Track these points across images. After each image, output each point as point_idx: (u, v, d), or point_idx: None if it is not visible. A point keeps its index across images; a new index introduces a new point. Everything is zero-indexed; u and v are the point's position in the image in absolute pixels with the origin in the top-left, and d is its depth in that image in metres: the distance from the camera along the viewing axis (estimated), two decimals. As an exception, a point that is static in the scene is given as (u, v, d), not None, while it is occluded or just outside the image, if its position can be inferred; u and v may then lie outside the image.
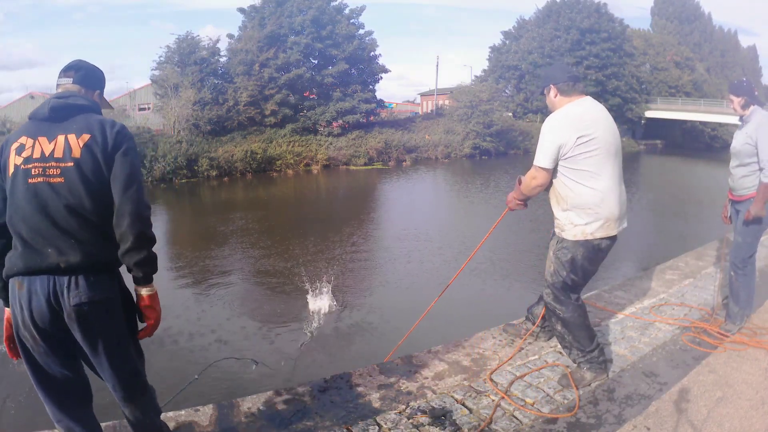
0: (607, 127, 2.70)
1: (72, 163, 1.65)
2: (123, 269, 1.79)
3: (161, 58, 28.37)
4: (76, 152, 1.67)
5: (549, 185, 2.80)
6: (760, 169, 3.31)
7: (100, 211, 1.69)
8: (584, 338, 2.83)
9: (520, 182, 2.88)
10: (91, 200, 1.66)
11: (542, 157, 2.68)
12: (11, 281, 1.68)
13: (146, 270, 1.75)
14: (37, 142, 1.69)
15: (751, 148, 3.35)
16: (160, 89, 27.14)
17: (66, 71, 1.87)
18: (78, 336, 1.68)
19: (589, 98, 2.77)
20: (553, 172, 2.71)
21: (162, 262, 9.92)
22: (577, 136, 2.60)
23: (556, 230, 2.84)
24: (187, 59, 27.71)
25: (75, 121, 1.73)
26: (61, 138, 1.68)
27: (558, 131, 2.64)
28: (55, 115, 1.73)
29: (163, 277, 8.49)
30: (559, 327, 2.87)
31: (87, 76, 1.88)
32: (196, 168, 23.19)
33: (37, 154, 1.67)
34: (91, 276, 1.67)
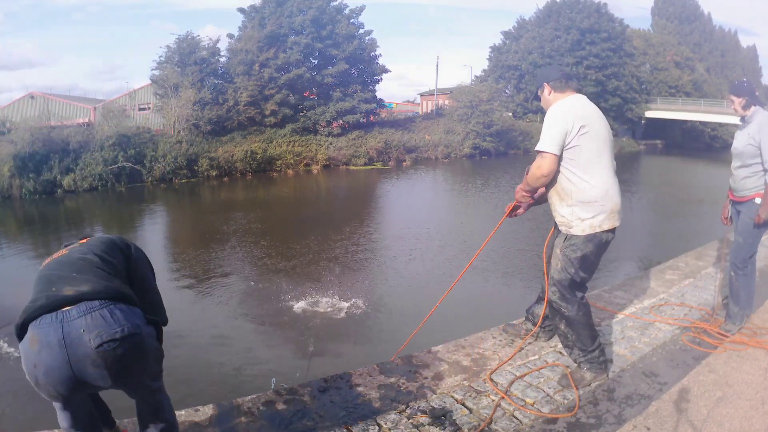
0: (602, 122, 2.77)
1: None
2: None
3: (161, 58, 28.39)
4: None
5: (551, 184, 2.79)
6: (765, 171, 3.31)
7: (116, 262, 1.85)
8: (587, 337, 2.83)
9: (527, 172, 2.86)
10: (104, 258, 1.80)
11: (548, 142, 2.64)
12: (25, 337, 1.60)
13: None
14: None
15: (754, 149, 3.35)
16: (160, 89, 27.13)
17: None
18: (105, 373, 1.58)
19: (584, 96, 2.81)
20: (558, 161, 2.67)
21: (162, 262, 9.89)
22: (580, 125, 2.63)
23: (562, 228, 2.83)
24: (187, 59, 27.70)
25: None
26: None
27: (563, 117, 2.65)
28: None
29: (163, 278, 8.50)
30: (563, 326, 2.87)
31: None
32: (196, 168, 23.20)
33: None
34: (119, 308, 1.62)
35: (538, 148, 2.67)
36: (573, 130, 2.63)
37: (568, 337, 2.88)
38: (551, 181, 2.78)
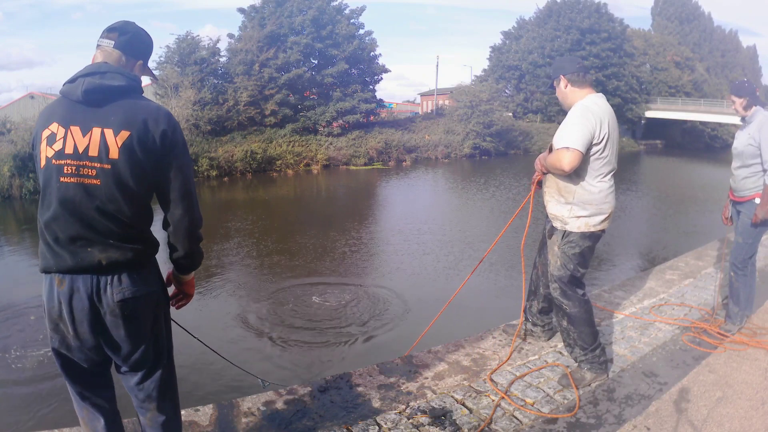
0: (617, 128, 2.79)
1: (109, 165, 1.51)
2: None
3: (161, 58, 28.36)
4: (114, 153, 1.50)
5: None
6: (764, 171, 3.31)
7: (140, 214, 1.61)
8: (588, 335, 2.84)
9: (551, 149, 2.81)
10: (130, 205, 1.56)
11: (577, 139, 2.58)
12: (49, 277, 1.58)
13: (191, 269, 1.84)
14: (69, 132, 1.52)
15: (754, 149, 3.35)
16: (160, 89, 27.11)
17: (110, 32, 1.64)
18: (120, 331, 1.61)
19: (603, 96, 2.81)
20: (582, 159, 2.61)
21: (162, 262, 9.97)
22: (604, 132, 2.64)
23: (557, 224, 2.85)
24: (187, 59, 27.69)
25: (113, 111, 1.53)
26: (96, 132, 1.50)
27: (592, 117, 2.62)
28: (89, 98, 1.52)
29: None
30: (564, 323, 2.89)
31: (131, 41, 1.64)
32: (196, 168, 23.16)
33: (69, 149, 1.51)
34: (134, 272, 1.61)
35: (564, 143, 2.60)
36: (598, 136, 2.63)
37: (570, 335, 2.89)
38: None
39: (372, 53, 32.60)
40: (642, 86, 45.77)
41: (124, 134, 1.51)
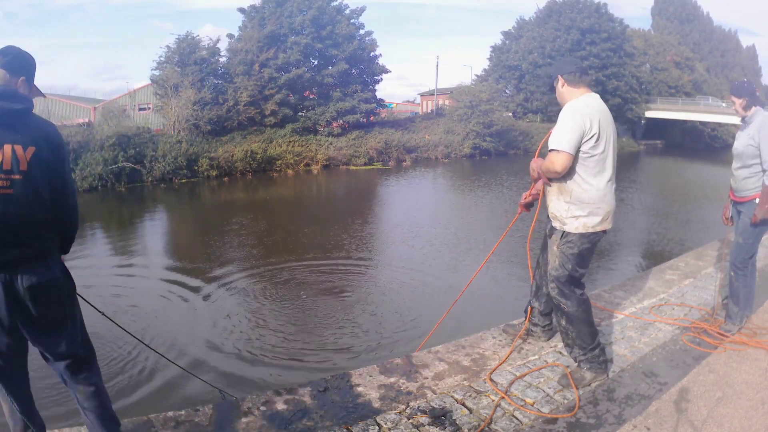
0: (612, 126, 2.80)
1: (20, 176, 1.81)
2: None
3: (161, 58, 28.32)
4: (24, 165, 1.81)
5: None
6: (763, 171, 3.31)
7: (47, 215, 1.91)
8: (587, 334, 2.85)
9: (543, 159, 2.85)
10: (40, 208, 1.87)
11: (565, 141, 2.64)
12: None
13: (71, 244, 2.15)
14: None
15: (754, 149, 3.35)
16: (160, 89, 27.10)
17: None
18: (33, 312, 1.88)
19: (597, 96, 2.83)
20: (573, 160, 2.67)
21: (163, 262, 9.86)
22: (594, 131, 2.65)
23: (556, 224, 2.86)
24: (187, 59, 27.67)
25: (19, 130, 1.83)
26: (8, 148, 1.80)
27: (581, 119, 2.65)
28: (1, 120, 1.82)
29: (163, 277, 8.50)
30: (563, 322, 2.89)
31: (12, 61, 1.94)
32: (196, 168, 23.18)
33: None
34: (41, 263, 1.90)
35: (554, 146, 2.67)
36: (588, 134, 2.65)
37: (569, 334, 2.89)
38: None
39: (372, 53, 32.59)
40: (642, 86, 45.75)
41: (31, 149, 1.84)
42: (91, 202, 18.04)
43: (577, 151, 2.67)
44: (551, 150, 2.68)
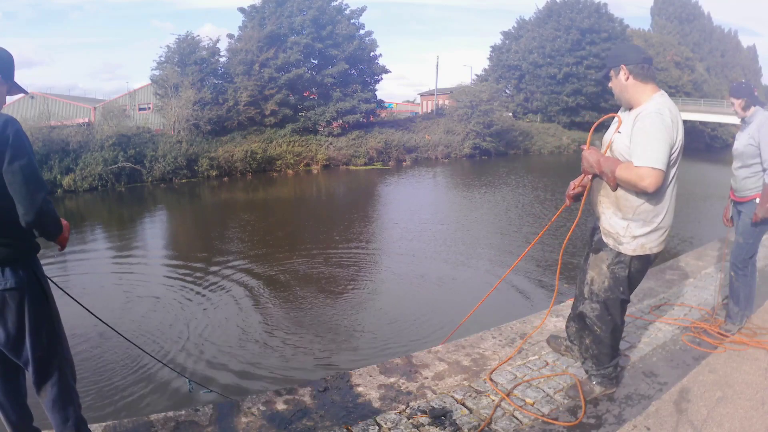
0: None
1: None
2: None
3: (161, 58, 28.35)
4: None
5: (603, 186, 2.51)
6: (764, 170, 3.32)
7: (12, 216, 1.78)
8: (606, 356, 2.70)
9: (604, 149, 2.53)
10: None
11: (661, 158, 2.24)
12: None
13: (54, 238, 1.95)
14: None
15: (754, 149, 3.36)
16: (160, 89, 27.12)
17: None
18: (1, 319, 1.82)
19: (666, 94, 2.50)
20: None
21: (162, 261, 9.86)
22: (680, 143, 2.36)
23: (609, 241, 2.54)
24: (187, 59, 27.68)
25: None
26: None
27: (671, 128, 2.30)
28: None
29: (164, 277, 8.50)
30: (588, 341, 2.73)
31: None
32: (196, 168, 23.20)
33: None
34: (8, 267, 1.81)
35: (651, 163, 2.25)
36: (675, 146, 2.33)
37: (588, 350, 2.74)
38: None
39: (372, 53, 32.60)
40: (642, 86, 45.68)
41: None
42: (91, 202, 18.06)
43: None
44: (645, 166, 2.25)
